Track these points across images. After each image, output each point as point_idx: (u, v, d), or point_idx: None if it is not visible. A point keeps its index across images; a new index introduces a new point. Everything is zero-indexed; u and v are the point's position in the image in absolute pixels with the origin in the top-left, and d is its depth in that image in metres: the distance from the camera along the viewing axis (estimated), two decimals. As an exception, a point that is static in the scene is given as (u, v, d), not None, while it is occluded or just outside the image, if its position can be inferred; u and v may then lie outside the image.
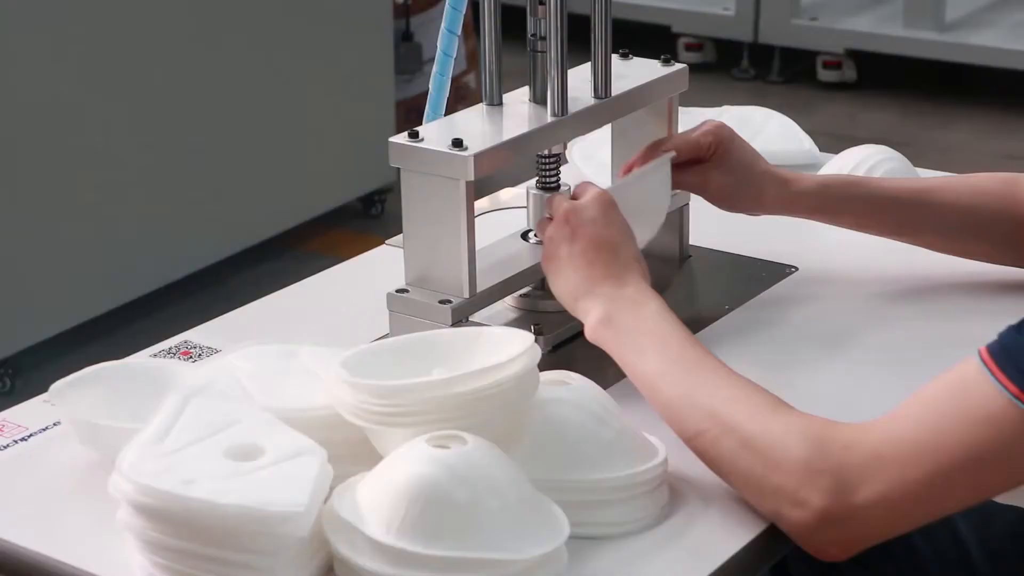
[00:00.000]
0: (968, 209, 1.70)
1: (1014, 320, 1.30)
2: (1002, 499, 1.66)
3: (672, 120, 1.76)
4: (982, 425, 1.26)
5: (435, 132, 1.56)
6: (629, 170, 1.68)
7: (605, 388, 1.42)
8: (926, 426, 1.28)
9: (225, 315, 1.72)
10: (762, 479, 1.30)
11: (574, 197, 1.56)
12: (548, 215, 1.56)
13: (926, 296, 1.72)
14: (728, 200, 1.72)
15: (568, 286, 1.50)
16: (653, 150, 1.67)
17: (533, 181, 1.67)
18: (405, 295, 1.57)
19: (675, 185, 1.68)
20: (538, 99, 1.64)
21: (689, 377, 1.38)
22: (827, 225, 1.78)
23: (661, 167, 1.66)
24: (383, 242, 1.86)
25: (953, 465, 1.27)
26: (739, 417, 1.33)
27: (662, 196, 1.67)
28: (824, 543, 1.30)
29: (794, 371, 1.58)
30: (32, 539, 1.31)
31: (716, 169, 1.68)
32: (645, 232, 1.65)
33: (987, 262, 1.73)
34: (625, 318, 1.45)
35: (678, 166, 1.67)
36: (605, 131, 1.82)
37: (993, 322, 1.65)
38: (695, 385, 1.37)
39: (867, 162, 1.92)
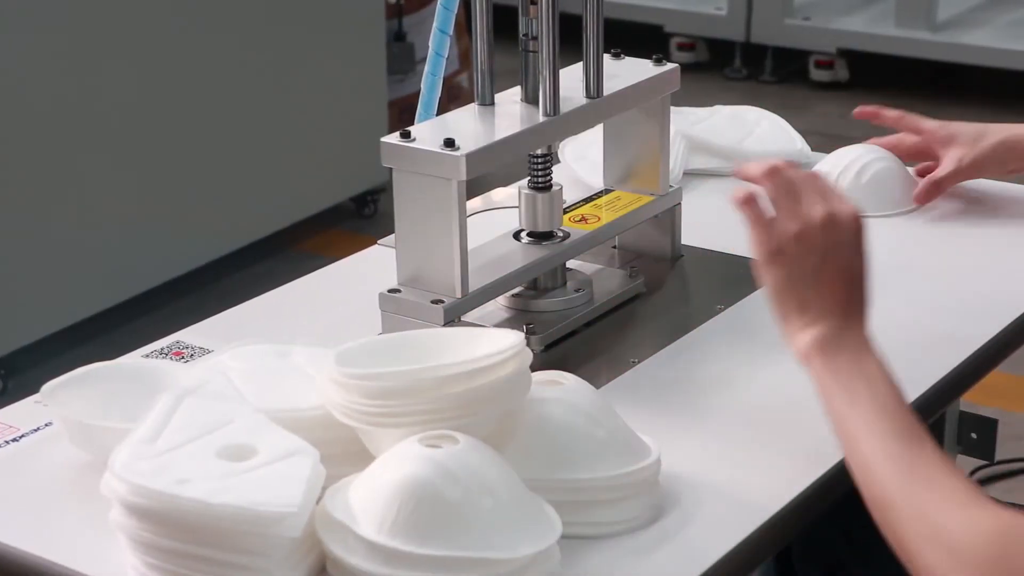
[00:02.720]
0: None
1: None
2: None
3: (664, 120, 1.77)
4: None
5: (427, 132, 1.56)
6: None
7: (597, 388, 1.42)
8: None
9: (218, 315, 1.72)
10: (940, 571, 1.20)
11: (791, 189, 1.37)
12: (772, 192, 1.36)
13: (919, 295, 1.72)
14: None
15: (795, 297, 1.35)
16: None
17: (525, 181, 1.67)
18: (397, 295, 1.57)
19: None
20: (530, 99, 1.64)
21: (893, 443, 1.26)
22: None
23: None
24: (376, 242, 1.86)
25: None
26: (928, 502, 1.22)
27: None
28: None
29: (787, 371, 1.58)
30: (24, 540, 1.31)
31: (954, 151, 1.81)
32: None
33: None
34: (845, 355, 1.32)
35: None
36: (597, 131, 1.83)
37: (986, 317, 1.66)
38: (910, 453, 1.25)
39: (858, 162, 1.92)
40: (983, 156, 1.86)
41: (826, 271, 1.34)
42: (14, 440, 1.46)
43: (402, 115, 4.21)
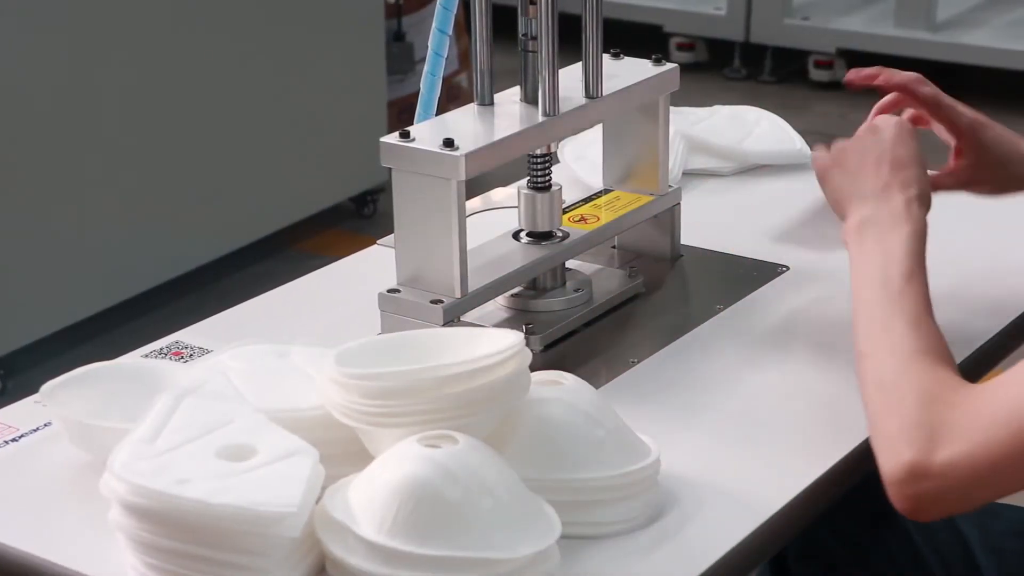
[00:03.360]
0: None
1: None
2: (1003, 499, 1.67)
3: (664, 120, 1.77)
4: None
5: (426, 132, 1.56)
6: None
7: (597, 387, 1.42)
8: None
9: (217, 315, 1.72)
10: (876, 424, 1.30)
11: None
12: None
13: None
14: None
15: (838, 186, 1.51)
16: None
17: (524, 181, 1.67)
18: (397, 295, 1.57)
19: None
20: (529, 99, 1.64)
21: (887, 306, 1.37)
22: (818, 225, 1.79)
23: None
24: (376, 242, 1.86)
25: None
26: (885, 356, 1.32)
27: None
28: (902, 498, 1.26)
29: (786, 371, 1.58)
30: (24, 540, 1.31)
31: (976, 168, 1.66)
32: None
33: None
34: (873, 232, 1.42)
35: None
36: (596, 131, 1.83)
37: (988, 315, 1.66)
38: (886, 314, 1.36)
39: None
40: (1001, 137, 1.70)
41: (866, 163, 1.49)
42: (14, 440, 1.46)
43: (401, 115, 4.21)
